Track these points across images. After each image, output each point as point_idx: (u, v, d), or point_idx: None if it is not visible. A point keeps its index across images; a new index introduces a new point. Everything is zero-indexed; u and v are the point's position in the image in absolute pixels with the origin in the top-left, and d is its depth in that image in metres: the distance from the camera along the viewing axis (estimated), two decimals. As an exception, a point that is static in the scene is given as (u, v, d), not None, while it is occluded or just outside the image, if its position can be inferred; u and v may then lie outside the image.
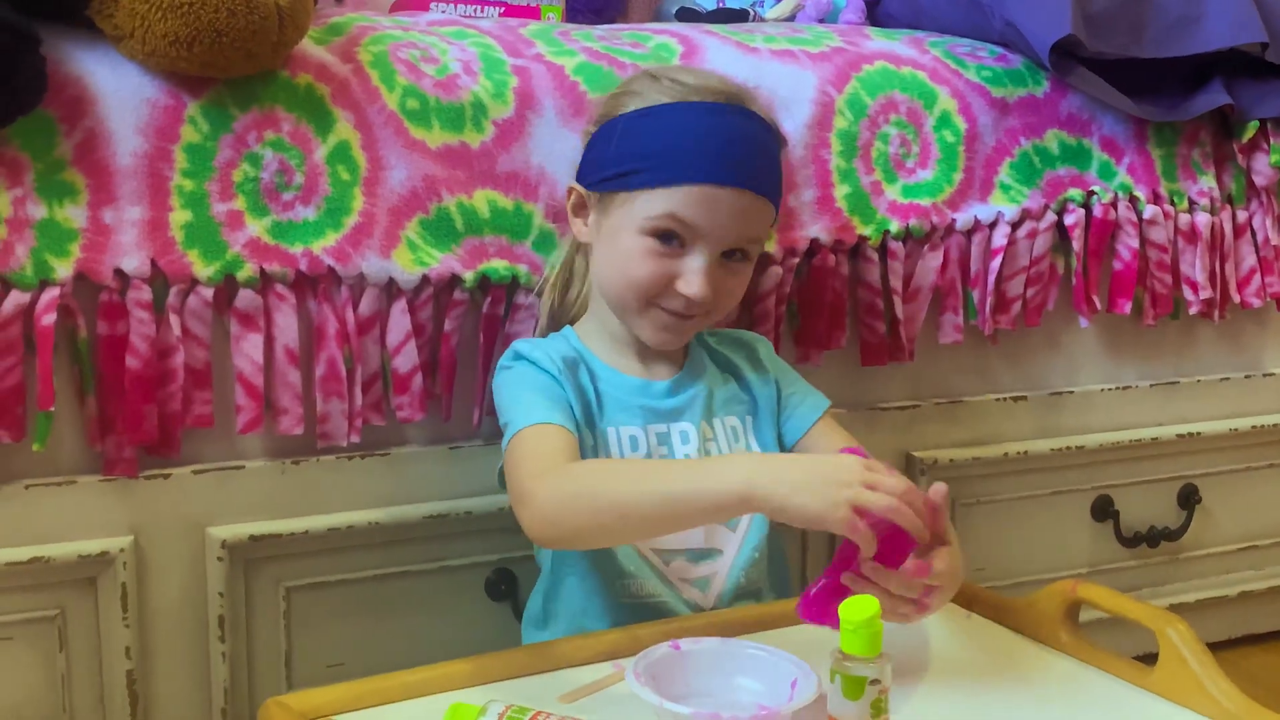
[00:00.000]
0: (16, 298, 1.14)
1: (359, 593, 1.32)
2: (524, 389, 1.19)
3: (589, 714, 0.96)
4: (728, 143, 1.19)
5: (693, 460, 1.14)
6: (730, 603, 1.21)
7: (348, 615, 1.32)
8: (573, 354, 1.23)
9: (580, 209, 1.26)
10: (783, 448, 1.27)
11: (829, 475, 1.00)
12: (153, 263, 1.19)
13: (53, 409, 1.16)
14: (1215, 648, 1.66)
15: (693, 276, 1.18)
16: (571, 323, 1.30)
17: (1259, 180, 1.66)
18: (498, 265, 1.32)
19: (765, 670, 1.04)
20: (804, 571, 1.53)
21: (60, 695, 1.23)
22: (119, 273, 1.18)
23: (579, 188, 1.25)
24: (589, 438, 1.20)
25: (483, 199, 1.32)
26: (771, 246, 1.42)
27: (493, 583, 1.36)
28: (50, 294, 1.15)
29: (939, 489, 1.06)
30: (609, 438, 1.21)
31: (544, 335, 1.30)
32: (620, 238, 1.20)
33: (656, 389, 1.24)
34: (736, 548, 1.22)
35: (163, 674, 1.26)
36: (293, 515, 1.28)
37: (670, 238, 1.19)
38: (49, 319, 1.15)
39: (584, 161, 1.27)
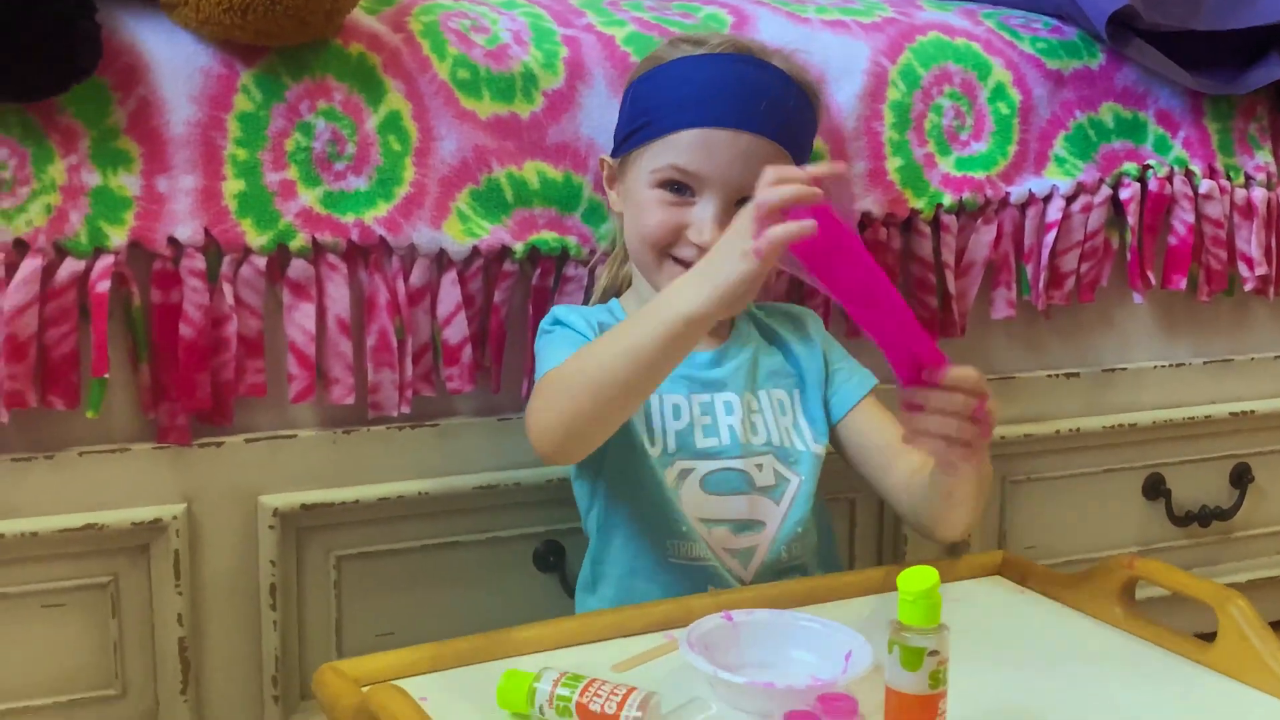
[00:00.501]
0: (71, 265, 1.15)
1: (408, 562, 1.32)
2: (558, 347, 1.19)
3: (642, 682, 0.95)
4: (728, 87, 1.19)
5: (637, 314, 1.08)
6: (770, 578, 1.20)
7: (397, 585, 1.32)
8: (614, 322, 1.23)
9: (611, 181, 1.27)
10: (830, 424, 1.26)
11: (722, 247, 0.99)
12: (206, 231, 1.19)
13: (107, 376, 1.17)
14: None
15: (702, 224, 1.18)
16: (618, 295, 1.29)
17: (1317, 155, 1.64)
18: (547, 237, 1.31)
19: (819, 642, 1.03)
20: (852, 549, 1.52)
21: (112, 662, 1.24)
22: (173, 241, 1.18)
23: (606, 159, 1.28)
24: None
25: (533, 170, 1.31)
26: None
27: (541, 554, 1.36)
28: (105, 262, 1.16)
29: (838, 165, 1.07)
30: (651, 405, 1.21)
31: (596, 300, 1.30)
32: (636, 195, 1.22)
33: (699, 359, 1.23)
34: (779, 521, 1.22)
35: (214, 641, 1.26)
36: (344, 485, 1.28)
37: (679, 188, 1.19)
38: (104, 286, 1.15)
39: (616, 136, 1.28)
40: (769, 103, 1.19)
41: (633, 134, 1.22)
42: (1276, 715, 1.01)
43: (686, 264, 1.19)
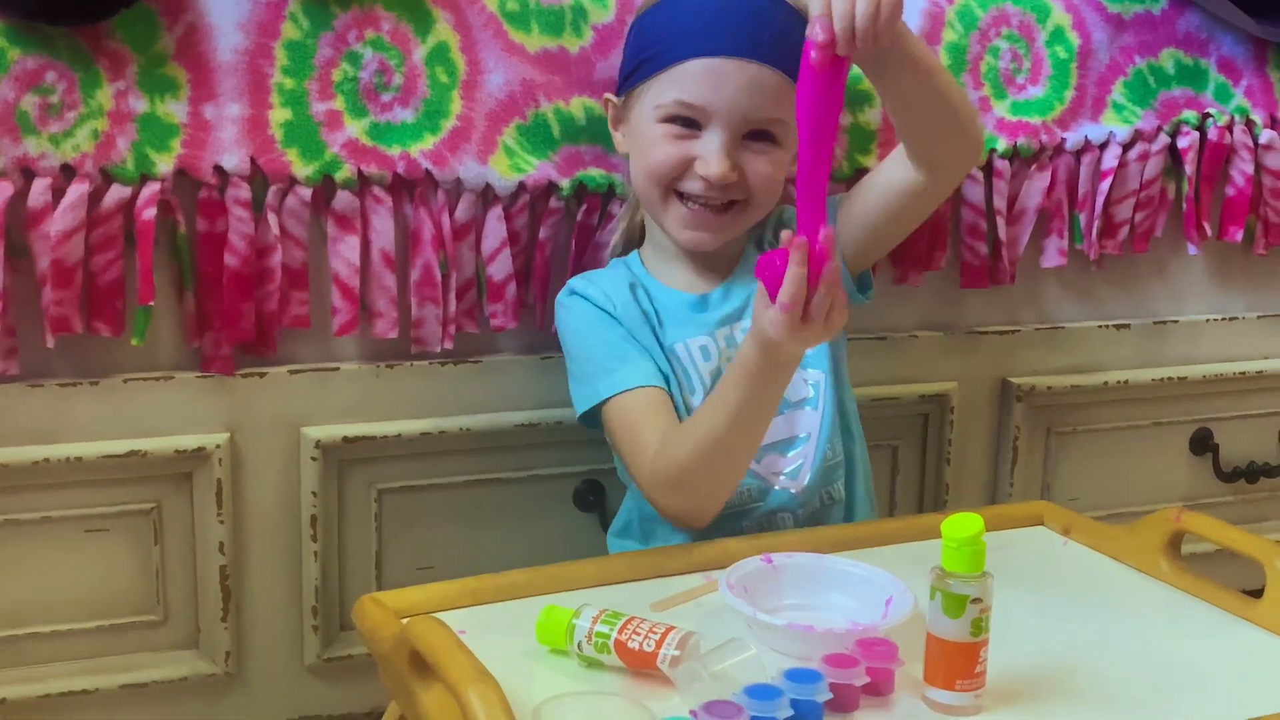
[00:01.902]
0: (118, 191, 1.15)
1: (449, 498, 1.32)
2: (591, 338, 1.19)
3: (681, 622, 0.95)
4: (733, 16, 1.16)
5: (723, 379, 1.12)
6: (819, 480, 1.20)
7: (437, 519, 1.32)
8: (630, 278, 1.23)
9: (616, 121, 1.25)
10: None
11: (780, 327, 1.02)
12: (252, 160, 1.18)
13: (152, 304, 1.17)
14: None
15: (710, 156, 1.16)
16: (638, 246, 1.29)
17: (1383, 107, 1.60)
18: (594, 173, 1.30)
19: (860, 587, 1.03)
20: (893, 497, 1.51)
21: (155, 587, 1.25)
22: (219, 170, 1.18)
23: (611, 98, 1.25)
24: (658, 354, 1.20)
25: (580, 106, 1.29)
26: (870, 161, 1.38)
27: (581, 493, 1.35)
28: (151, 189, 1.16)
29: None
30: (678, 353, 1.21)
31: (615, 253, 1.29)
32: (641, 132, 1.20)
33: (710, 299, 1.23)
34: (819, 425, 1.21)
35: (255, 570, 1.27)
36: (386, 419, 1.28)
37: (685, 122, 1.17)
38: (149, 214, 1.15)
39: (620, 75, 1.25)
40: (774, 33, 1.17)
41: (636, 69, 1.20)
42: (1322, 673, 0.99)
43: (693, 198, 1.18)
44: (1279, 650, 1.02)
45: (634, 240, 1.30)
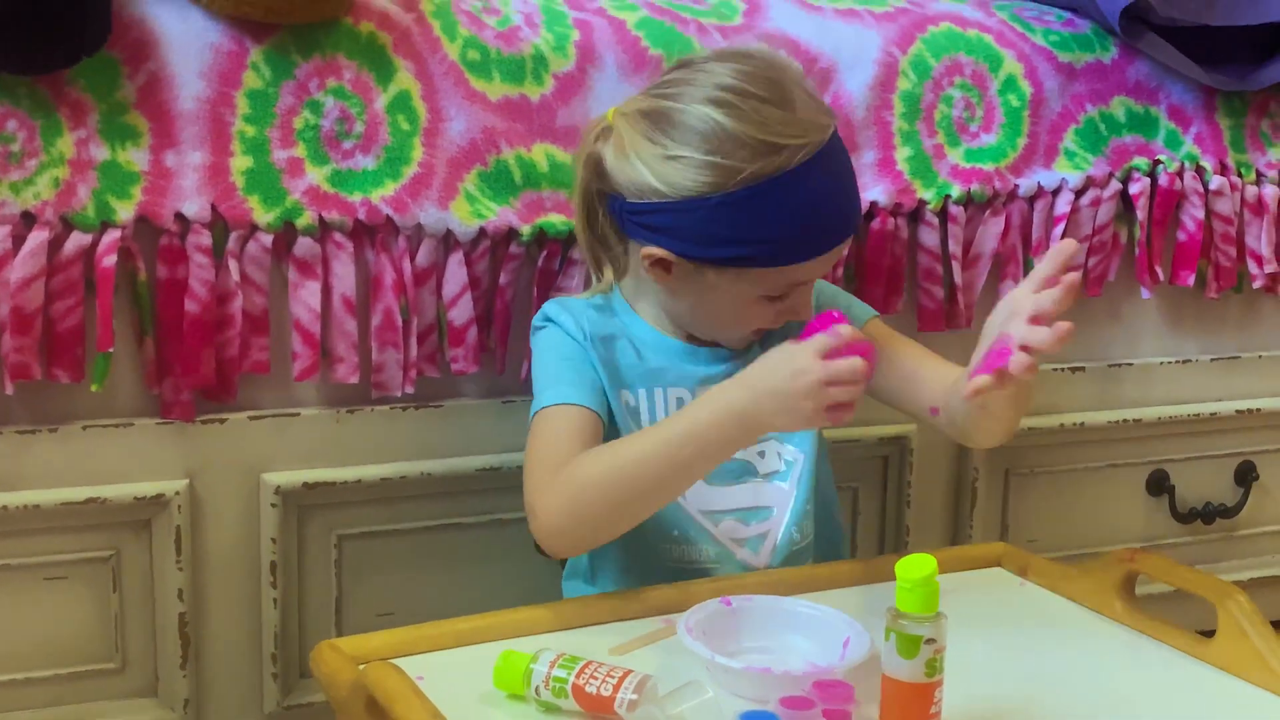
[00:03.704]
0: (78, 239, 1.15)
1: (410, 543, 1.33)
2: (553, 356, 1.18)
3: (640, 666, 0.95)
4: (843, 204, 1.15)
5: (682, 409, 1.12)
6: (783, 561, 1.20)
7: (398, 565, 1.32)
8: (613, 324, 1.21)
9: (666, 268, 1.15)
10: None
11: (794, 389, 1.01)
12: (213, 208, 1.19)
13: (112, 350, 1.17)
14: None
15: (805, 309, 1.17)
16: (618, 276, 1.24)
17: (1330, 153, 1.64)
18: (554, 219, 1.31)
19: (817, 628, 1.04)
20: (854, 538, 1.52)
21: (113, 635, 1.24)
22: (179, 216, 1.18)
23: (668, 256, 1.13)
24: (628, 398, 1.18)
25: (541, 152, 1.31)
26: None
27: (542, 537, 1.36)
28: (111, 236, 1.16)
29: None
30: (656, 400, 1.20)
31: (588, 287, 1.28)
32: (726, 300, 1.16)
33: (704, 354, 1.22)
34: (789, 502, 1.21)
35: (214, 617, 1.27)
36: (346, 464, 1.28)
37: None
38: (110, 260, 1.16)
39: (664, 226, 1.13)
40: (856, 187, 1.18)
41: (740, 258, 1.12)
42: (1274, 712, 1.00)
43: (769, 331, 1.19)
44: (1232, 688, 1.04)
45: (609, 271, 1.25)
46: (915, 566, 0.91)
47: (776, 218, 1.10)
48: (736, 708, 0.90)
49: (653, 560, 1.18)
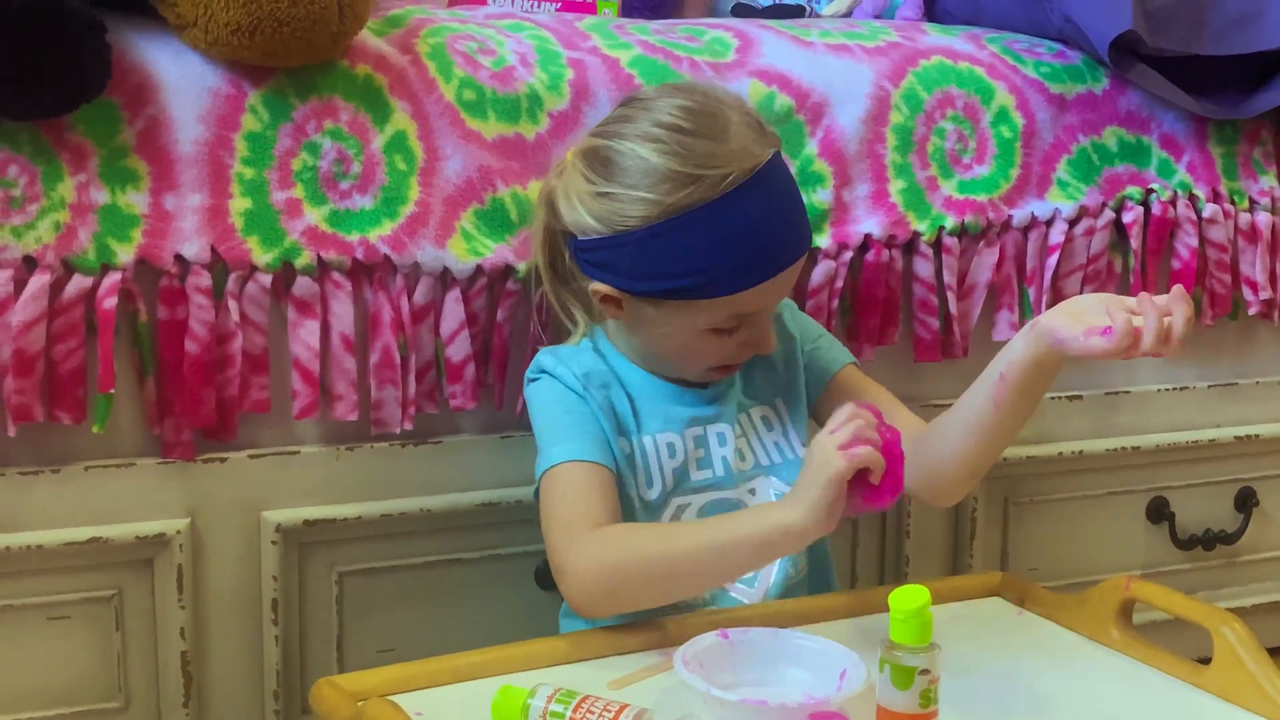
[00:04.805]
0: (79, 281, 1.17)
1: (410, 579, 1.33)
2: (555, 409, 1.19)
3: (637, 700, 0.96)
4: (783, 228, 1.16)
5: (726, 515, 1.13)
6: (779, 595, 1.21)
7: (399, 601, 1.33)
8: (603, 369, 1.22)
9: (614, 304, 1.18)
10: (810, 405, 1.27)
11: (820, 482, 1.01)
12: (212, 249, 1.21)
13: (113, 391, 1.18)
14: (1272, 654, 1.64)
15: (762, 342, 1.19)
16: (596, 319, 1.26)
17: (1322, 180, 1.65)
18: (550, 257, 1.32)
19: (814, 660, 1.04)
20: (854, 569, 1.52)
21: (116, 674, 1.25)
22: (179, 258, 1.20)
23: (607, 290, 1.17)
24: (625, 446, 1.19)
25: (537, 190, 1.32)
26: (825, 241, 1.42)
27: (542, 572, 1.36)
28: (112, 278, 1.17)
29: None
30: (646, 447, 1.20)
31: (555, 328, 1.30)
32: (673, 331, 1.17)
33: (691, 396, 1.23)
34: None
35: (216, 655, 1.28)
36: (346, 501, 1.29)
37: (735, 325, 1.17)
38: (110, 303, 1.17)
39: (606, 262, 1.16)
40: (801, 214, 1.19)
41: (677, 290, 1.14)
42: (1270, 738, 1.01)
43: (730, 368, 1.21)
44: (1227, 715, 1.04)
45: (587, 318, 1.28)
46: (909, 598, 0.92)
47: (707, 247, 1.13)
48: (732, 740, 0.90)
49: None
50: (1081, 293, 1.54)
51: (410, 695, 1.01)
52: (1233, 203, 1.61)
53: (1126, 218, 1.55)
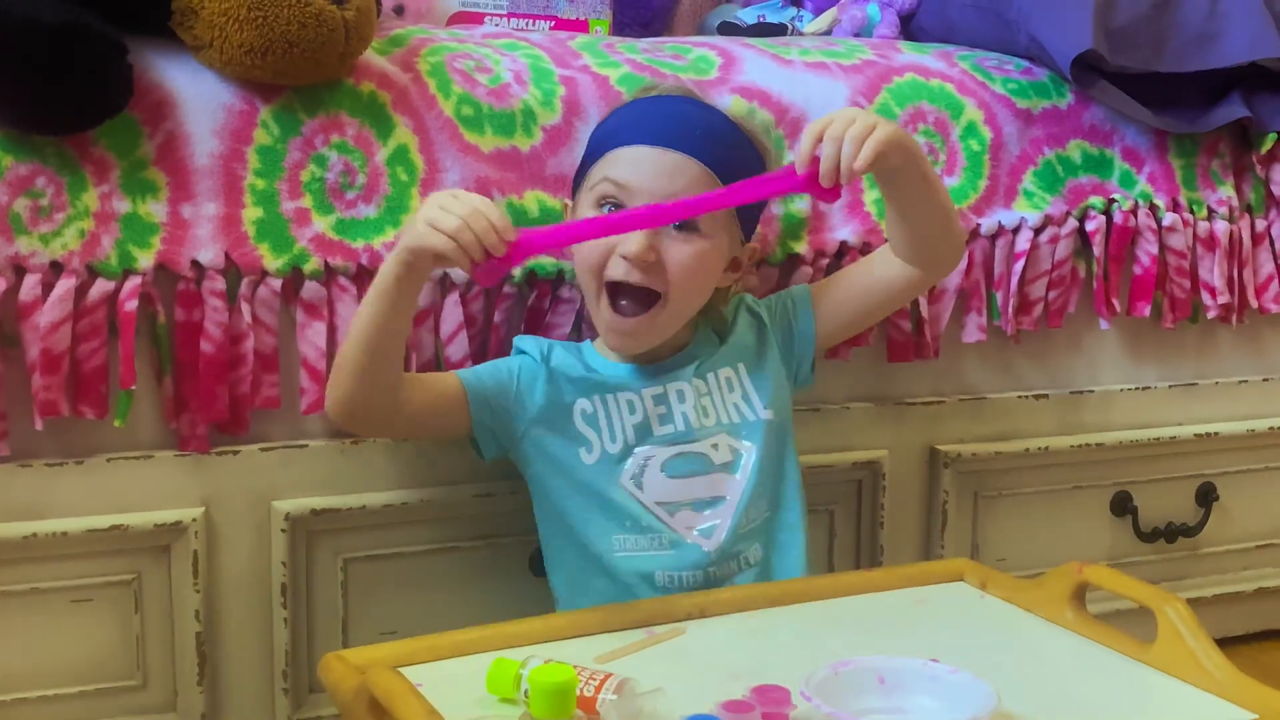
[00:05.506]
0: (102, 285, 1.24)
1: (411, 565, 1.40)
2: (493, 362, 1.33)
3: (622, 670, 1.03)
4: (665, 115, 1.30)
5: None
6: (732, 544, 1.28)
7: (401, 586, 1.40)
8: (570, 354, 1.33)
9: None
10: (816, 339, 1.39)
11: (413, 232, 1.17)
12: (226, 255, 1.28)
13: (133, 388, 1.25)
14: (1232, 642, 1.72)
15: (630, 236, 1.23)
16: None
17: (1277, 190, 1.71)
18: (545, 261, 1.40)
19: (943, 690, 1.03)
20: (831, 559, 1.60)
21: (135, 654, 1.32)
22: (195, 264, 1.27)
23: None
24: (588, 407, 1.30)
25: (532, 199, 1.40)
26: (802, 248, 1.49)
27: (535, 559, 1.43)
28: (133, 283, 1.25)
29: None
30: (609, 402, 1.30)
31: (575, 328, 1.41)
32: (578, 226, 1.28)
33: (648, 371, 1.33)
34: (739, 492, 1.30)
35: (229, 636, 1.35)
36: (351, 491, 1.36)
37: (615, 206, 1.27)
38: (131, 305, 1.24)
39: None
40: (704, 131, 1.29)
41: (581, 167, 1.33)
42: (1208, 709, 1.08)
43: (616, 284, 1.27)
44: (1170, 688, 1.11)
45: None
46: (550, 674, 0.96)
47: (605, 124, 1.34)
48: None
49: (600, 553, 1.28)
50: (1047, 298, 1.62)
51: (412, 669, 1.07)
52: (1192, 212, 1.68)
53: (1090, 226, 1.63)
